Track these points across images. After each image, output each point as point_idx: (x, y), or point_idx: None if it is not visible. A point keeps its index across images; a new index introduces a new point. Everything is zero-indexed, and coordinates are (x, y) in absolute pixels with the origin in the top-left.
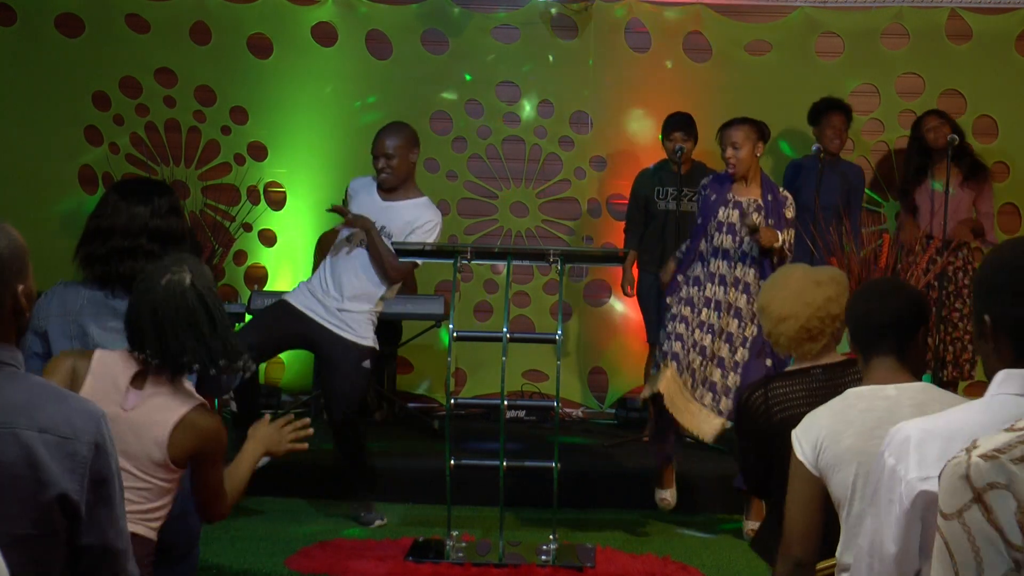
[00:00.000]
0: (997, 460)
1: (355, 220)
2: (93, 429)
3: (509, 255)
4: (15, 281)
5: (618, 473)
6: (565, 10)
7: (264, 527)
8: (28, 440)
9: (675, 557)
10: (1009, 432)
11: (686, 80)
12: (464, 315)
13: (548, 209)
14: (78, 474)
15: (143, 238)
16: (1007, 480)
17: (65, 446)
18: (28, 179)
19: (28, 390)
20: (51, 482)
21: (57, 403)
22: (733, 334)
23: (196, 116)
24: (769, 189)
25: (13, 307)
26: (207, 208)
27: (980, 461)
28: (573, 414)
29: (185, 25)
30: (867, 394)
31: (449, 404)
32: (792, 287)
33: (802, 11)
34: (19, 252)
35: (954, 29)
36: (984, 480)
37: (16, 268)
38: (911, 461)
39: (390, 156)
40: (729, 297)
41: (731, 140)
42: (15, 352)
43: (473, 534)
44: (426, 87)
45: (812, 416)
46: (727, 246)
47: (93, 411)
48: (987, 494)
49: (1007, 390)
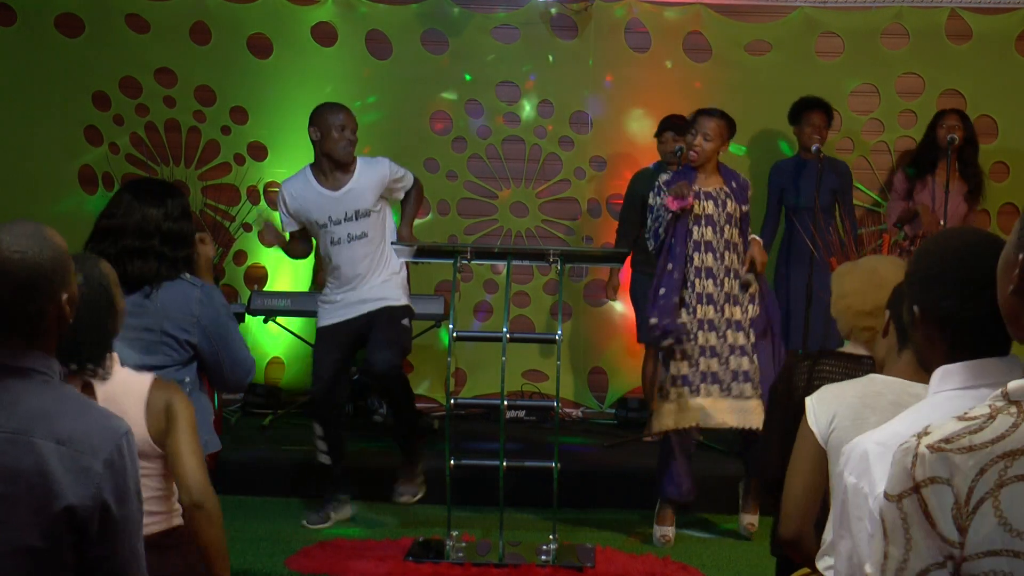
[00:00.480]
0: (942, 452)
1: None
2: (111, 446)
3: (509, 255)
4: (60, 290)
5: (618, 473)
6: (565, 10)
7: (264, 527)
8: (42, 450)
9: (675, 557)
10: (961, 421)
11: (686, 80)
12: (464, 315)
13: (548, 209)
14: (89, 489)
15: (155, 239)
16: (949, 474)
17: (79, 459)
18: (28, 179)
19: (54, 400)
20: (61, 494)
21: (78, 415)
22: (740, 320)
23: (196, 116)
24: (731, 176)
25: (57, 316)
26: (207, 208)
27: (926, 452)
28: (573, 414)
29: (185, 25)
30: (896, 387)
31: (449, 404)
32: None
33: (802, 11)
34: (61, 259)
35: (954, 29)
36: (925, 473)
37: (60, 277)
38: (875, 476)
39: (353, 128)
40: (725, 288)
41: (703, 129)
42: (51, 361)
43: (473, 534)
44: (426, 87)
45: (832, 388)
46: (709, 238)
47: (116, 427)
48: (926, 488)
49: (948, 387)
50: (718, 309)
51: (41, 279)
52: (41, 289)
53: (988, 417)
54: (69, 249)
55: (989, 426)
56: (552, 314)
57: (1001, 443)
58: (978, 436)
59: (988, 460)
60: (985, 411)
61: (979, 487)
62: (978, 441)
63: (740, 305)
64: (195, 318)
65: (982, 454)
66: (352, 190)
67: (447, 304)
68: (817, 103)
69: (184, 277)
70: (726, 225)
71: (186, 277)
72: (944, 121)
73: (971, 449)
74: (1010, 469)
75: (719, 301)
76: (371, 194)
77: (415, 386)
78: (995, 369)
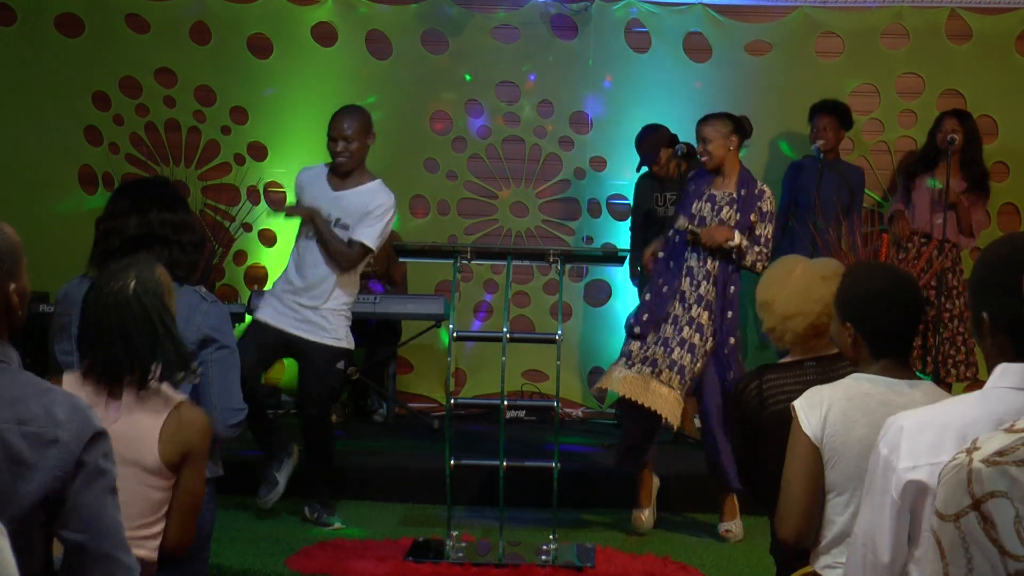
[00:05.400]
0: (999, 465)
1: (296, 210)
2: (79, 420)
3: (509, 255)
4: (7, 280)
5: (618, 473)
6: (565, 10)
7: (264, 527)
8: (5, 433)
9: (675, 557)
10: (1010, 433)
11: (686, 80)
12: (464, 315)
13: (548, 209)
14: (58, 464)
15: (155, 235)
16: (1008, 487)
17: (44, 435)
18: (28, 179)
19: (14, 385)
20: (29, 475)
21: (40, 396)
22: (704, 325)
23: (196, 116)
24: (744, 183)
25: (5, 305)
26: (207, 208)
27: (982, 467)
28: (573, 414)
29: (185, 25)
30: (883, 386)
31: (449, 404)
32: (796, 284)
33: (802, 11)
34: (12, 250)
35: (954, 29)
36: (985, 488)
37: (8, 267)
38: (902, 451)
39: (349, 139)
40: (700, 290)
41: (701, 135)
42: (7, 349)
43: (473, 534)
44: (426, 87)
45: (818, 391)
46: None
47: (77, 403)
48: (987, 503)
49: (1004, 383)
50: (686, 307)
51: None
52: None
53: None
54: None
55: None
56: (552, 314)
57: None
58: None
59: None
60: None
61: None
62: None
63: (710, 312)
64: (196, 327)
65: None
66: (344, 198)
67: (447, 304)
68: (827, 106)
69: (197, 290)
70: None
71: (199, 290)
72: (943, 125)
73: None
74: None
75: (689, 300)
76: (353, 211)
77: (415, 386)
78: None
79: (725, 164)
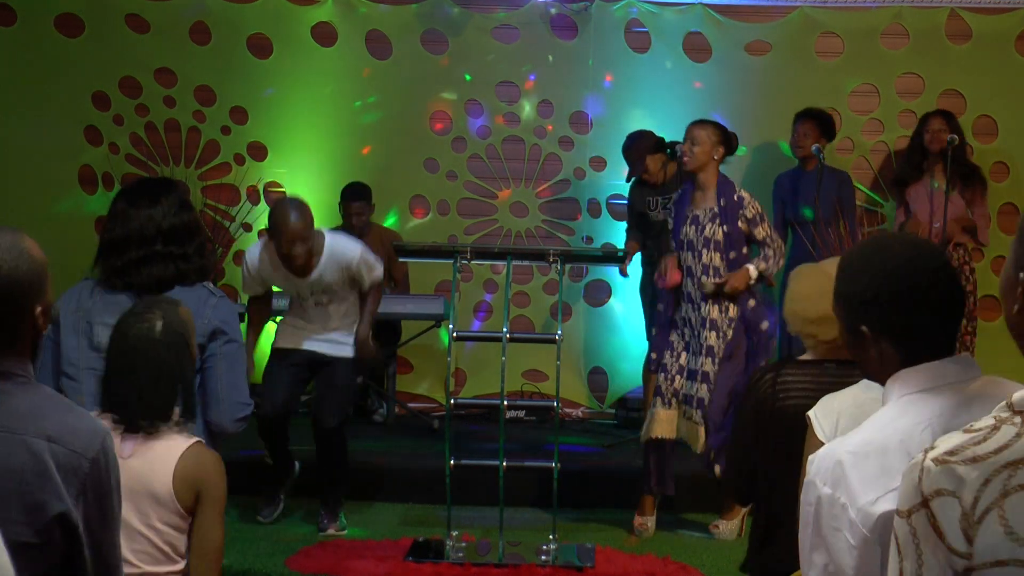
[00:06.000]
0: (947, 464)
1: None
2: (98, 444)
3: (509, 255)
4: (34, 302)
5: (618, 473)
6: (565, 10)
7: (264, 527)
8: (35, 447)
9: (675, 557)
10: (966, 433)
11: (686, 80)
12: (464, 315)
13: (548, 209)
14: (77, 487)
15: (158, 243)
16: (954, 486)
17: (70, 457)
18: (28, 179)
19: (39, 399)
20: (55, 492)
21: (63, 413)
22: (714, 347)
23: (196, 116)
24: (722, 193)
25: (32, 326)
26: (207, 208)
27: (931, 465)
28: (573, 414)
29: (185, 25)
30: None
31: (449, 404)
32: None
33: (802, 11)
34: (37, 271)
35: (954, 29)
36: (932, 486)
37: (35, 289)
38: (853, 486)
39: (305, 239)
40: (702, 312)
41: (691, 135)
42: (27, 365)
43: (473, 534)
44: (426, 87)
45: (831, 400)
46: (689, 263)
47: (97, 427)
48: (933, 501)
49: (909, 390)
50: (695, 333)
51: (17, 291)
52: (16, 301)
53: (992, 428)
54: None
55: (993, 437)
56: (552, 314)
57: (1005, 453)
58: (982, 447)
59: (992, 470)
60: (990, 422)
61: (984, 497)
62: (982, 452)
63: (717, 330)
64: (206, 319)
65: (987, 464)
66: (318, 277)
67: (447, 304)
68: (807, 113)
69: (205, 285)
70: (704, 250)
71: (207, 285)
72: (930, 125)
73: (976, 460)
74: (1014, 478)
75: (696, 325)
76: (338, 280)
77: (415, 386)
78: (953, 369)
79: (705, 174)
